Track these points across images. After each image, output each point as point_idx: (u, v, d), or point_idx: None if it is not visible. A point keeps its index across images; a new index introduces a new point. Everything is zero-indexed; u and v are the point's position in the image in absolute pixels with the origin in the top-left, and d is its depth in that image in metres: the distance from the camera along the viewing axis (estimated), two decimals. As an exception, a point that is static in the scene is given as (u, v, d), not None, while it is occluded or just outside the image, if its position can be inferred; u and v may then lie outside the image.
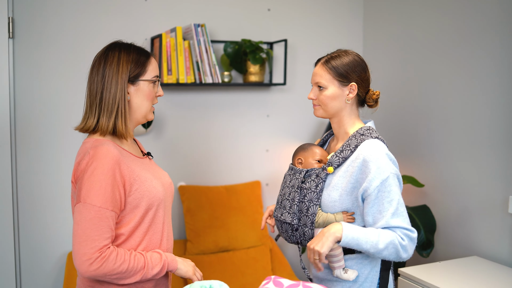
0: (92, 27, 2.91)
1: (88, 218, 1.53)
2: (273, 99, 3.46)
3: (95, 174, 1.55)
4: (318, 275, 1.89)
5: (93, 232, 1.53)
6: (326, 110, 1.85)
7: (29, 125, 2.82)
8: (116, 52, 1.67)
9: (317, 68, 1.86)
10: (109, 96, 1.63)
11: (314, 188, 1.79)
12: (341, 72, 1.81)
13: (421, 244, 2.87)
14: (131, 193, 1.62)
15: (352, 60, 1.83)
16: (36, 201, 2.86)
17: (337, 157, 1.79)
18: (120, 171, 1.59)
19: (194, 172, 3.27)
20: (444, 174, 2.97)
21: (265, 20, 3.39)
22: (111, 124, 1.64)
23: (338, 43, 3.59)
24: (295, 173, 1.87)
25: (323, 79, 1.82)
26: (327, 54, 1.89)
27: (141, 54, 1.71)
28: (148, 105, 1.72)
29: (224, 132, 3.34)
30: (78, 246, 1.52)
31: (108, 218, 1.55)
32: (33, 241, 2.86)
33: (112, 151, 1.59)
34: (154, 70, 1.72)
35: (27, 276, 2.85)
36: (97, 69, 1.66)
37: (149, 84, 1.71)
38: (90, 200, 1.54)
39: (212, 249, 3.07)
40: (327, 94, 1.82)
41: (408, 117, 3.25)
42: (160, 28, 3.06)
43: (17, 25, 2.75)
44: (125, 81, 1.64)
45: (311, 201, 1.78)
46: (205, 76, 2.97)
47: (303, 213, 1.79)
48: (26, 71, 2.79)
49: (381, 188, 1.69)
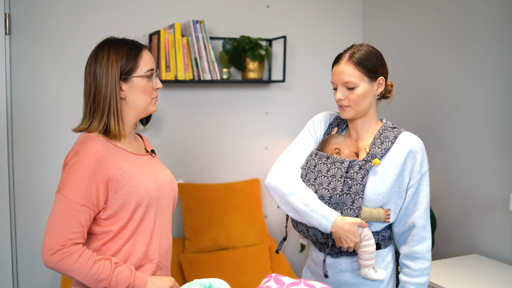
0: (90, 24, 2.88)
1: (58, 208, 1.53)
2: (272, 96, 3.44)
3: (73, 168, 1.55)
4: (341, 279, 1.82)
5: (60, 224, 1.51)
6: (358, 110, 1.77)
7: (26, 122, 2.79)
8: (106, 50, 1.64)
9: (342, 66, 1.75)
10: (100, 97, 1.62)
11: (360, 179, 1.70)
12: (370, 67, 1.74)
13: (421, 242, 2.85)
14: (118, 190, 1.60)
15: (375, 53, 1.78)
16: (33, 199, 2.84)
17: (379, 148, 1.74)
18: (102, 168, 1.57)
19: (193, 170, 3.25)
20: (445, 172, 2.96)
21: (264, 16, 3.37)
22: (102, 125, 1.62)
23: (338, 40, 3.57)
24: (335, 162, 1.74)
25: (353, 77, 1.72)
26: (346, 50, 1.79)
27: (132, 48, 1.66)
28: (146, 99, 1.68)
29: (223, 130, 3.32)
30: (45, 235, 1.52)
31: (79, 212, 1.53)
32: (30, 239, 2.84)
33: (96, 147, 1.57)
34: (147, 63, 1.67)
35: (24, 274, 2.84)
36: (89, 70, 1.65)
37: (143, 79, 1.66)
38: (64, 192, 1.54)
39: (211, 247, 3.05)
40: (360, 93, 1.73)
41: (408, 115, 3.23)
42: (159, 24, 3.04)
43: (13, 21, 2.72)
44: (115, 80, 1.61)
45: (357, 194, 1.69)
46: (204, 73, 2.96)
47: (346, 205, 1.69)
48: (23, 67, 2.77)
49: (421, 181, 1.73)
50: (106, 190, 1.58)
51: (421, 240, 1.74)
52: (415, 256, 1.75)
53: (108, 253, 1.62)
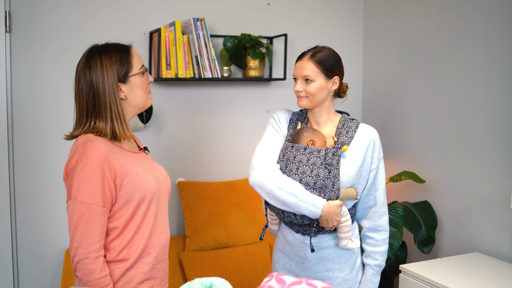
0: (91, 22, 2.88)
1: (79, 214, 1.56)
2: (273, 94, 3.43)
3: (84, 171, 1.57)
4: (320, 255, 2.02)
5: (85, 230, 1.56)
6: (312, 101, 2.00)
7: (26, 121, 2.79)
8: (97, 58, 1.68)
9: (304, 62, 1.99)
10: (100, 104, 1.66)
11: (336, 164, 1.92)
12: (327, 67, 1.98)
13: (422, 240, 2.85)
14: (122, 187, 1.64)
15: (335, 56, 2.01)
16: (34, 198, 2.84)
17: (346, 137, 1.99)
18: (109, 166, 1.61)
19: (193, 168, 3.25)
20: (446, 170, 2.96)
21: (265, 14, 3.36)
22: (109, 129, 1.67)
23: (338, 37, 3.56)
24: (313, 152, 1.95)
25: (312, 73, 1.97)
26: (309, 50, 2.02)
27: (121, 51, 1.72)
28: (144, 94, 1.77)
29: (224, 127, 3.31)
30: (73, 244, 1.56)
31: (99, 214, 1.58)
32: (30, 238, 2.84)
33: (100, 147, 1.61)
34: (138, 61, 1.75)
35: (25, 273, 2.83)
36: (84, 79, 1.67)
37: (140, 76, 1.74)
38: (81, 197, 1.56)
39: (211, 246, 3.05)
40: (316, 87, 1.97)
41: (409, 112, 3.23)
42: (159, 22, 3.03)
43: (14, 19, 2.72)
44: (113, 84, 1.66)
45: (335, 177, 1.91)
46: (205, 71, 2.95)
47: (328, 188, 1.90)
48: (23, 66, 2.76)
49: (379, 165, 2.03)
50: (115, 187, 1.63)
51: (382, 215, 2.04)
52: (378, 228, 2.04)
53: (115, 249, 1.67)
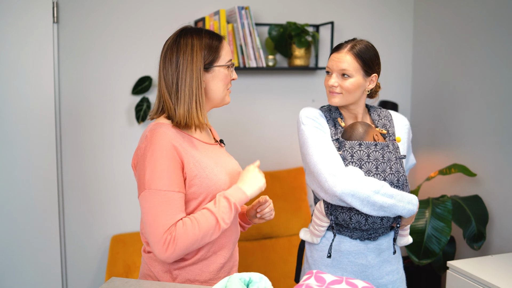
0: (136, 12, 2.89)
1: (157, 203, 1.50)
2: (318, 84, 3.37)
3: (154, 158, 1.51)
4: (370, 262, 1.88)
5: (163, 218, 1.49)
6: (347, 99, 1.83)
7: (74, 111, 2.84)
8: (189, 39, 1.61)
9: (343, 54, 1.80)
10: (185, 87, 1.59)
11: (403, 157, 1.85)
12: (367, 62, 1.80)
13: (472, 236, 2.75)
14: (191, 178, 1.57)
15: (375, 51, 1.84)
16: (80, 185, 2.90)
17: (390, 127, 1.90)
18: (177, 152, 1.55)
19: (237, 158, 3.22)
20: (498, 164, 2.84)
21: (311, 2, 3.29)
22: (184, 114, 1.59)
23: (387, 26, 3.46)
24: (384, 147, 1.80)
25: (351, 67, 1.79)
26: (347, 41, 1.84)
27: (213, 38, 1.65)
28: (224, 89, 1.68)
29: (268, 117, 3.28)
30: (152, 236, 1.49)
31: (177, 199, 1.52)
32: (77, 224, 2.91)
33: (168, 133, 1.55)
34: (227, 54, 1.67)
35: (72, 259, 2.91)
36: (170, 59, 1.61)
37: (225, 69, 1.66)
38: (155, 185, 1.50)
39: (255, 236, 3.04)
40: (353, 82, 1.80)
41: (460, 105, 3.11)
42: (204, 11, 3.02)
43: (61, 10, 2.76)
44: (200, 70, 1.60)
45: (404, 170, 1.83)
46: (249, 60, 2.92)
47: (405, 183, 1.81)
48: (71, 56, 2.80)
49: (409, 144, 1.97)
50: (183, 174, 1.57)
51: None
52: None
53: None
